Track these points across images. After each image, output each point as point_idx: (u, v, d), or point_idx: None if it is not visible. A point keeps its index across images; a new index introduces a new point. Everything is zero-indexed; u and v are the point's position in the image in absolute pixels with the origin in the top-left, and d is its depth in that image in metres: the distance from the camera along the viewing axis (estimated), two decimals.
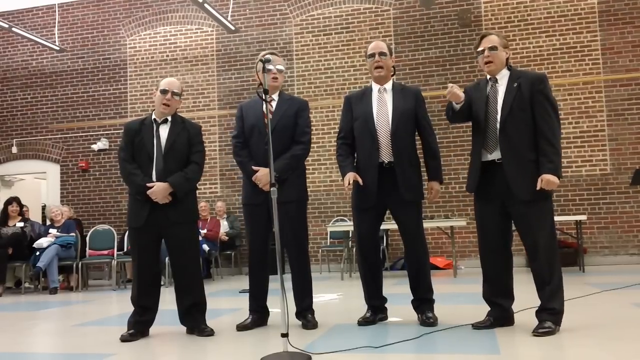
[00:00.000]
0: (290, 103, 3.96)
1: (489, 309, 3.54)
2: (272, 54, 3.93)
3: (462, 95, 3.40)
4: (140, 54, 10.24)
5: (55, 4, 10.45)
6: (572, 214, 8.15)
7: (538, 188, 3.22)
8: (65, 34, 10.49)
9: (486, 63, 3.43)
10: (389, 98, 3.79)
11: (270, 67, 3.83)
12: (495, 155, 3.37)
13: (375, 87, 3.85)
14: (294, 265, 3.89)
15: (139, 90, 10.18)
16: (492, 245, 3.47)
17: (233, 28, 9.15)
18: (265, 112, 3.52)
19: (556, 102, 3.41)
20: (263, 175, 3.71)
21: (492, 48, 3.41)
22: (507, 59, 3.49)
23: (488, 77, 3.50)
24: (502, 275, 3.48)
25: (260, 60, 3.23)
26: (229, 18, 9.28)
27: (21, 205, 8.13)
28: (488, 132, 3.39)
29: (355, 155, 3.87)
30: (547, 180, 3.21)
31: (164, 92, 3.78)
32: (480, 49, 3.47)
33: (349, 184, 3.69)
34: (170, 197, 3.69)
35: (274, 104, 3.92)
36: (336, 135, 4.05)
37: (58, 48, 9.88)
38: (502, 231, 3.46)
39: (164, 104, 3.78)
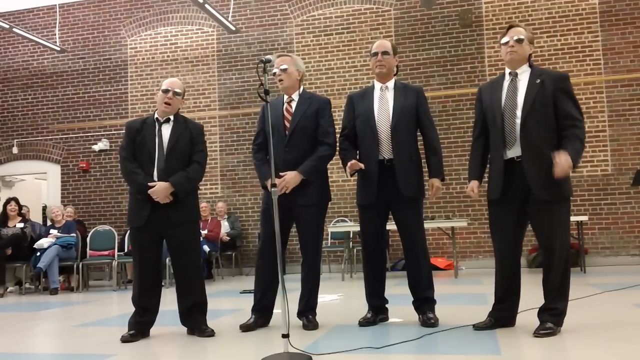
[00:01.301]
0: (310, 103, 3.92)
1: (490, 309, 3.53)
2: (281, 55, 3.95)
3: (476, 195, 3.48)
4: (141, 55, 10.24)
5: (56, 5, 10.44)
6: (574, 215, 8.11)
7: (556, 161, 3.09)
8: (66, 35, 10.49)
9: (508, 52, 3.35)
10: (390, 96, 3.79)
11: (274, 70, 3.86)
12: (514, 152, 3.30)
13: (377, 85, 3.86)
14: (305, 265, 3.89)
15: (139, 90, 10.18)
16: (508, 245, 3.42)
17: (234, 28, 9.15)
18: (283, 113, 3.78)
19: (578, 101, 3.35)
20: (291, 178, 3.69)
21: (519, 40, 3.33)
22: (530, 55, 3.38)
23: (508, 71, 3.42)
24: (514, 275, 3.45)
25: (260, 60, 3.23)
26: (230, 18, 9.28)
27: (20, 206, 8.11)
28: (506, 127, 3.31)
29: (358, 153, 3.86)
30: (563, 158, 3.05)
31: (165, 91, 3.78)
32: (505, 39, 3.38)
33: (351, 175, 3.70)
34: (171, 197, 3.68)
35: (293, 104, 3.93)
36: (337, 135, 4.05)
37: (59, 48, 9.88)
38: (518, 231, 3.42)
39: (165, 103, 3.78)
